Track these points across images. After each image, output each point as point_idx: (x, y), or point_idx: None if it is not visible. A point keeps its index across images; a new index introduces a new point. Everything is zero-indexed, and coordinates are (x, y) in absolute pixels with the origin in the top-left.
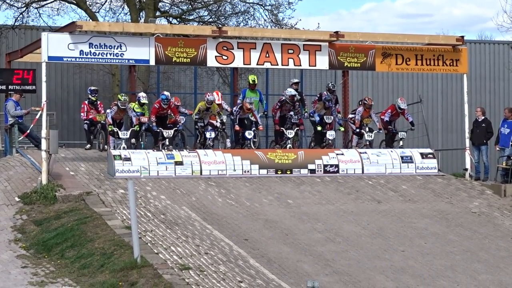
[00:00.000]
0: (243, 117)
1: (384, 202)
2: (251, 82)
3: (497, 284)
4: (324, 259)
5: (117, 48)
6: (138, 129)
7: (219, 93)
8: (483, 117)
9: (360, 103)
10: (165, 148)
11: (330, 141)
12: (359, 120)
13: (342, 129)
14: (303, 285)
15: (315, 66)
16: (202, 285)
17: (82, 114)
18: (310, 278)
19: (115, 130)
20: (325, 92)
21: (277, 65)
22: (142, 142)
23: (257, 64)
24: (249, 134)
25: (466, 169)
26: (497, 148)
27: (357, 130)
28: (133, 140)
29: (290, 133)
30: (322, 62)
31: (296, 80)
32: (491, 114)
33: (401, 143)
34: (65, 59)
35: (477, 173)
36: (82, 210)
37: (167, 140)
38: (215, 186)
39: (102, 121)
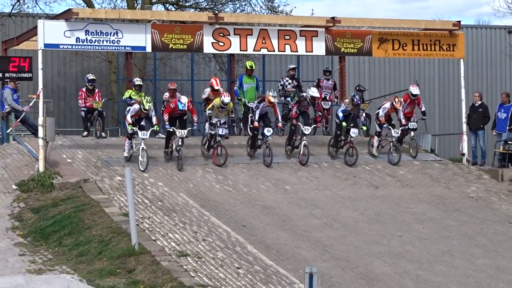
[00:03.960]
0: (264, 113)
1: (382, 188)
2: (248, 67)
3: (495, 268)
4: (322, 245)
5: (113, 35)
6: (157, 129)
7: (217, 79)
8: (480, 102)
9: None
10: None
11: (352, 139)
12: (383, 117)
13: (365, 128)
14: (301, 271)
15: (312, 52)
16: (200, 272)
17: (80, 101)
18: (308, 264)
19: (135, 130)
20: (354, 94)
21: (274, 51)
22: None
23: (253, 50)
24: (268, 131)
25: (464, 154)
26: (494, 133)
27: (379, 130)
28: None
29: (307, 130)
30: (319, 48)
31: (292, 66)
32: (488, 99)
33: (412, 133)
34: (61, 46)
35: (474, 158)
36: (79, 198)
37: (180, 140)
38: (213, 173)
39: (99, 108)
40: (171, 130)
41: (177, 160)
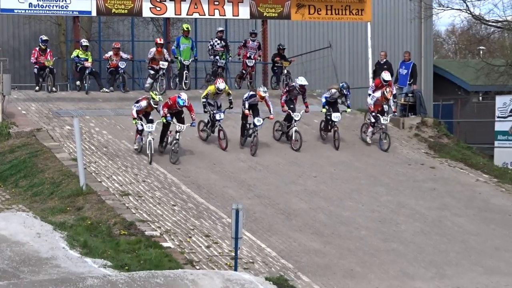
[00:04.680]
0: (254, 103)
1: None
2: (185, 29)
3: (396, 204)
4: (246, 185)
5: (62, 1)
6: (165, 121)
7: (161, 39)
8: (385, 60)
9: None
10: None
11: (335, 124)
12: (372, 105)
13: (349, 110)
14: (229, 208)
15: (238, 16)
16: (140, 209)
17: (32, 58)
18: (234, 202)
19: (140, 123)
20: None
21: (205, 15)
22: (86, 85)
23: (186, 15)
24: (258, 121)
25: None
26: (396, 87)
27: (373, 118)
28: (78, 82)
29: (297, 116)
30: (244, 12)
31: (221, 29)
32: (392, 57)
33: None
34: (16, 11)
35: None
36: (33, 145)
37: (177, 134)
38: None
39: (50, 66)
40: (171, 121)
41: (172, 153)
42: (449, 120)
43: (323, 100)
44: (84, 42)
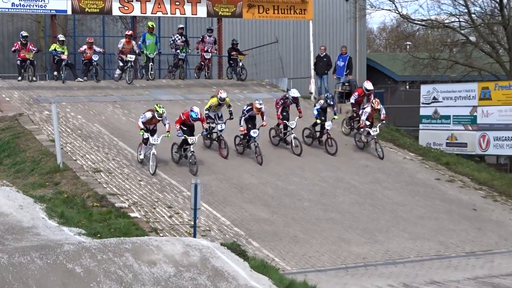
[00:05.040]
0: (252, 116)
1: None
2: (150, 26)
3: (335, 179)
4: (206, 163)
5: (41, 1)
6: (169, 135)
7: (130, 31)
8: (324, 53)
9: (365, 105)
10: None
11: (327, 131)
12: (364, 122)
13: (336, 117)
14: (188, 182)
15: (196, 14)
16: (110, 184)
17: (13, 48)
18: (194, 177)
19: (147, 136)
20: (322, 100)
21: (167, 14)
22: (62, 75)
23: (151, 13)
24: (254, 133)
25: (312, 93)
26: (335, 77)
27: (364, 134)
28: (55, 73)
29: (293, 124)
30: (202, 11)
31: (181, 26)
32: (331, 51)
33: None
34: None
35: (320, 95)
36: (16, 128)
37: (191, 146)
38: (120, 108)
39: (31, 58)
40: (183, 137)
41: (190, 165)
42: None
43: (315, 112)
44: (61, 37)
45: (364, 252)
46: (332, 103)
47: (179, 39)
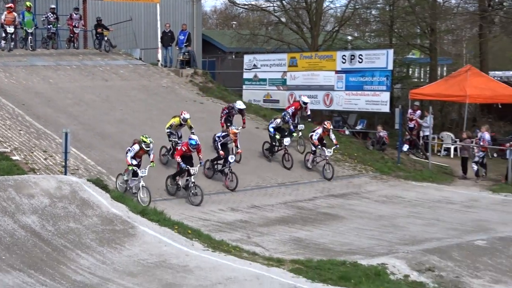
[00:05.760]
0: (225, 142)
1: (110, 81)
2: (28, 5)
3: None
4: (73, 115)
5: None
6: (154, 165)
7: (10, 4)
8: (169, 29)
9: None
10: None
11: (285, 146)
12: (317, 140)
13: (295, 134)
14: (60, 131)
15: None
16: None
17: None
18: (64, 127)
19: (135, 170)
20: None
21: None
22: None
23: None
24: (231, 158)
25: (159, 61)
26: (177, 48)
27: (314, 149)
28: None
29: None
30: None
31: (53, 6)
32: (173, 27)
33: (300, 133)
34: None
35: (165, 62)
36: None
37: (192, 177)
38: (3, 72)
39: None
40: (186, 168)
41: (192, 196)
42: (213, 71)
43: (271, 129)
44: None
45: (200, 184)
46: (288, 120)
47: (51, 16)
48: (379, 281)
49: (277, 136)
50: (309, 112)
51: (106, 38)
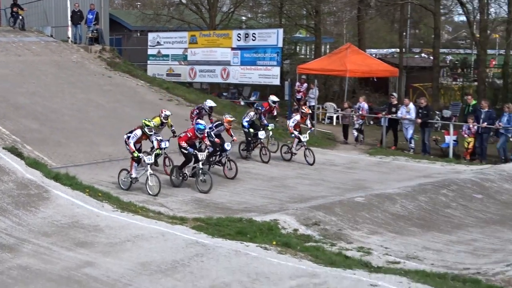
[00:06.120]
0: (218, 133)
1: (23, 56)
2: None
3: (87, 99)
4: None
5: None
6: (159, 152)
7: None
8: (78, 8)
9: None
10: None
11: (261, 141)
12: (292, 127)
13: (270, 128)
14: None
15: None
16: None
17: None
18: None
19: (141, 156)
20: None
21: None
22: None
23: None
24: (227, 145)
25: (69, 38)
26: (86, 26)
27: (294, 134)
28: None
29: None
30: None
31: None
32: (83, 6)
33: (270, 133)
34: None
35: (76, 39)
36: None
37: (200, 163)
38: None
39: None
40: (194, 153)
41: (200, 183)
42: (119, 48)
43: (245, 124)
44: None
45: (109, 151)
46: (262, 110)
47: None
48: (272, 235)
49: (252, 130)
50: (275, 113)
51: (21, 17)
